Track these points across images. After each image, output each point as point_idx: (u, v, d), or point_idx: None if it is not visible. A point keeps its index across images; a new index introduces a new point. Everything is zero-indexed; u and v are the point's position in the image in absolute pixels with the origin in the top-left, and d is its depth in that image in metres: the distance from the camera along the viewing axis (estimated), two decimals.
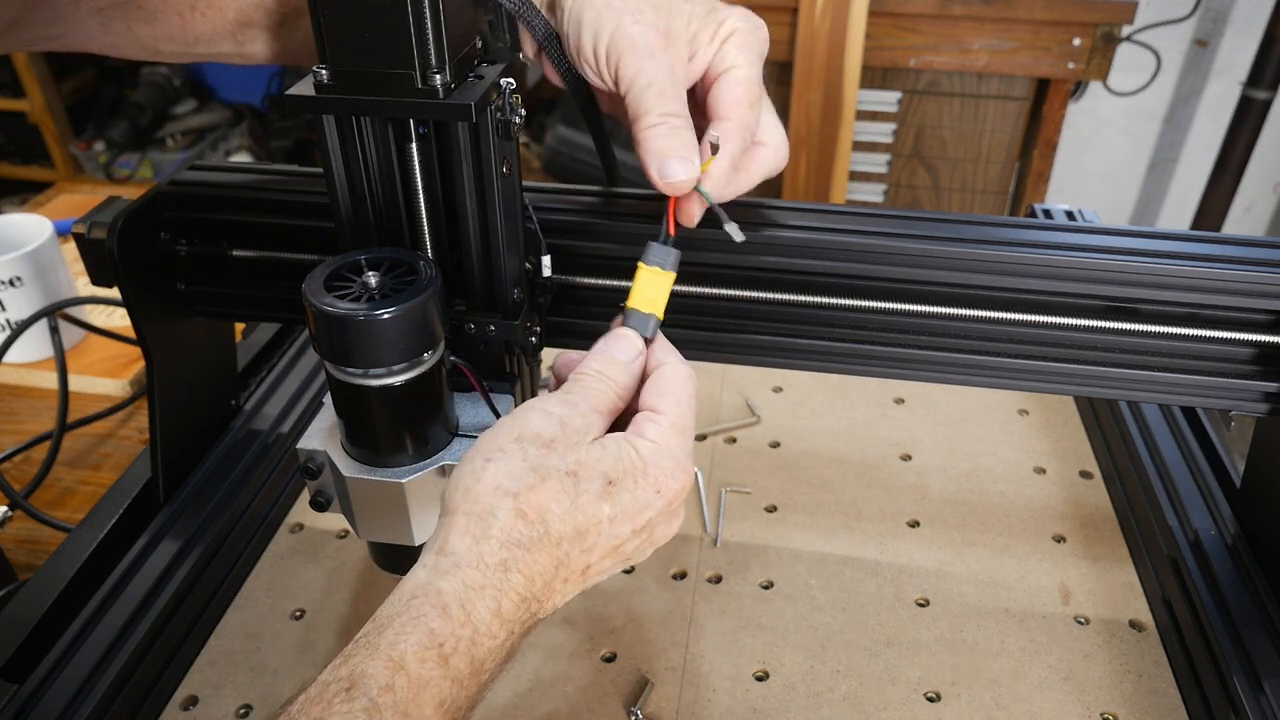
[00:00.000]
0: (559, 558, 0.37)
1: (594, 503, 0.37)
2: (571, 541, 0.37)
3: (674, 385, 0.42)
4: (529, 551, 0.36)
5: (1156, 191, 2.25)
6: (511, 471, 0.37)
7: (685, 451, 0.40)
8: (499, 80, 0.43)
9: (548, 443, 0.38)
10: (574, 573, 0.38)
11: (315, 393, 0.76)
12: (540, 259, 0.52)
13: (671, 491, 0.39)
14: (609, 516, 0.38)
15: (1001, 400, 0.80)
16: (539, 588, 0.37)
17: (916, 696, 0.56)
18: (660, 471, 0.39)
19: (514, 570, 0.36)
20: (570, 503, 0.37)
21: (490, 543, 0.36)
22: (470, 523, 0.36)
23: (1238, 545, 0.60)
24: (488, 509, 0.36)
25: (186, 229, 0.60)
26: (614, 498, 0.38)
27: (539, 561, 0.36)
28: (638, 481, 0.38)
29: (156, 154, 2.33)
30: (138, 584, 0.57)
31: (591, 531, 0.37)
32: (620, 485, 0.38)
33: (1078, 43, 1.59)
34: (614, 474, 0.38)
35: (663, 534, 0.41)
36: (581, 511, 0.37)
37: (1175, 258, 0.50)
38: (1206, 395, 0.53)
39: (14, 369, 0.88)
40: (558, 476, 0.37)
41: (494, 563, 0.35)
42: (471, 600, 0.35)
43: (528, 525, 0.36)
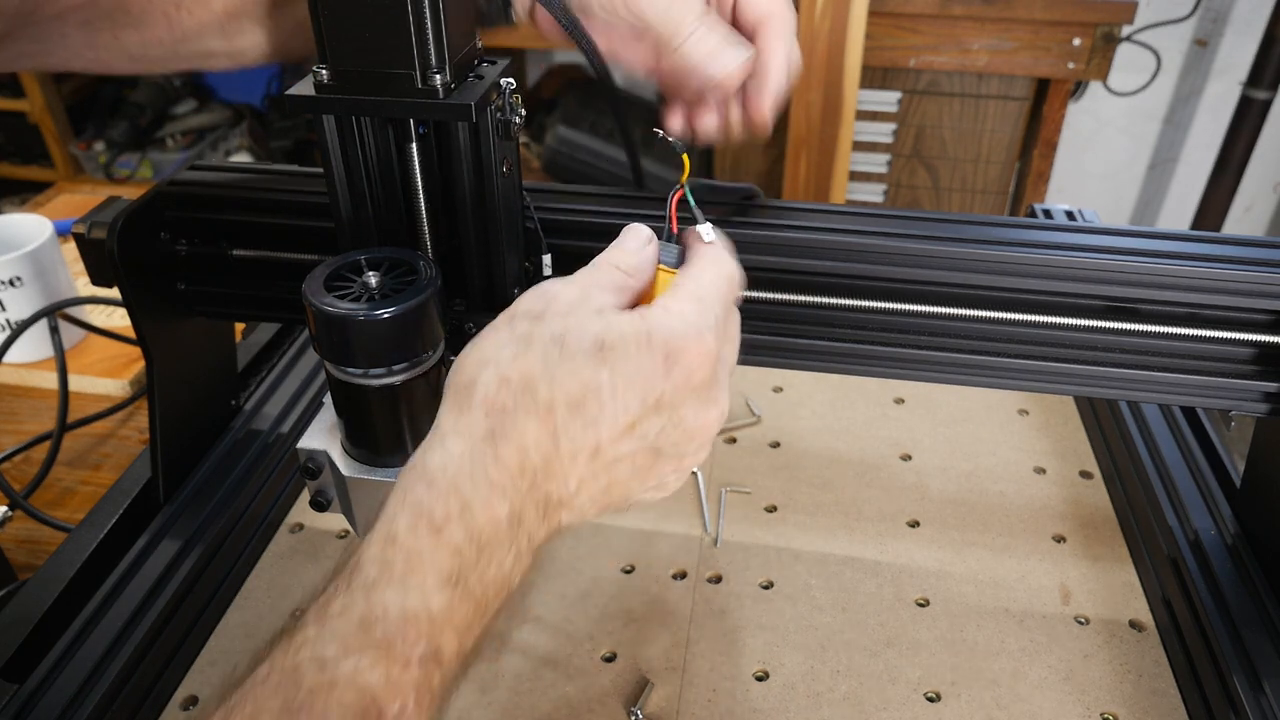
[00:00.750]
0: (553, 427, 0.34)
1: (585, 367, 0.34)
2: (567, 410, 0.34)
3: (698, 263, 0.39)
4: (515, 418, 0.33)
5: (1156, 191, 2.25)
6: (497, 342, 0.35)
7: (704, 322, 0.36)
8: (499, 80, 0.43)
9: (537, 315, 0.36)
10: (582, 451, 0.34)
11: (315, 393, 0.76)
12: (541, 259, 0.52)
13: (686, 363, 0.35)
14: (607, 385, 0.34)
15: (1001, 400, 0.80)
16: (538, 460, 0.34)
17: (916, 696, 0.56)
18: (669, 336, 0.35)
19: (502, 439, 0.33)
20: (557, 367, 0.34)
21: (474, 412, 0.34)
22: (456, 397, 0.35)
23: (1238, 545, 0.60)
24: (470, 380, 0.35)
25: (186, 229, 0.60)
26: (611, 364, 0.34)
27: (529, 429, 0.34)
28: (640, 347, 0.34)
29: (156, 154, 2.33)
30: (138, 584, 0.57)
31: (589, 401, 0.34)
32: (617, 350, 0.34)
33: (1078, 43, 1.59)
34: (608, 337, 0.34)
35: (696, 420, 0.36)
36: (571, 375, 0.34)
37: (1175, 258, 0.50)
38: (1206, 395, 0.53)
39: (14, 369, 0.88)
40: (543, 342, 0.34)
41: (480, 432, 0.33)
42: (459, 469, 0.33)
43: (511, 391, 0.34)
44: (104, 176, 2.29)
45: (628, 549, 0.65)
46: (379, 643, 0.31)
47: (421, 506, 0.33)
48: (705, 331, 0.36)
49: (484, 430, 0.34)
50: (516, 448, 0.33)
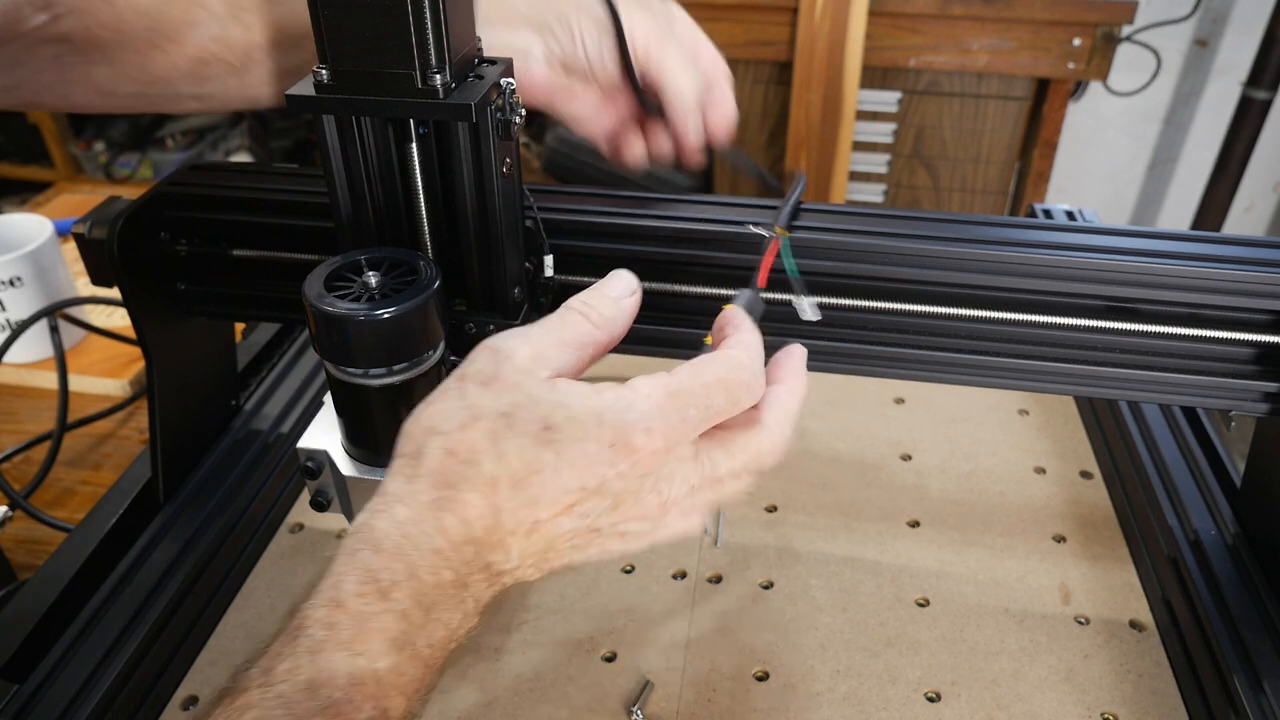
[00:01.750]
0: (496, 503, 0.34)
1: (530, 446, 0.34)
2: (509, 487, 0.34)
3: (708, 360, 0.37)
4: (459, 490, 0.34)
5: (1156, 191, 2.25)
6: (445, 412, 0.35)
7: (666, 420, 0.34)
8: (499, 80, 0.43)
9: (487, 380, 0.35)
10: (522, 525, 0.34)
11: (315, 393, 0.76)
12: (542, 259, 0.52)
13: (633, 455, 0.34)
14: (550, 465, 0.34)
15: (1001, 400, 0.80)
16: (480, 532, 0.34)
17: (916, 696, 0.56)
18: (620, 424, 0.34)
19: (446, 509, 0.34)
20: (502, 441, 0.34)
21: (421, 480, 0.34)
22: (403, 463, 0.35)
23: (1238, 545, 0.60)
24: (418, 448, 0.35)
25: (186, 229, 0.60)
26: (555, 446, 0.34)
27: (473, 502, 0.34)
28: (587, 431, 0.34)
29: (156, 154, 2.33)
30: (138, 584, 0.57)
31: (532, 481, 0.34)
32: (563, 432, 0.34)
33: (1078, 43, 1.59)
34: (555, 419, 0.34)
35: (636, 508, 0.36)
36: (516, 453, 0.34)
37: (1175, 258, 0.50)
38: (1206, 395, 0.53)
39: (14, 369, 0.88)
40: (490, 416, 0.34)
41: (426, 500, 0.34)
42: (405, 534, 0.33)
43: (457, 463, 0.34)
44: (104, 176, 2.29)
45: None
46: (326, 707, 0.30)
47: (369, 570, 0.33)
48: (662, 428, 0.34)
49: (429, 499, 0.34)
50: (460, 519, 0.34)
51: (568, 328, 0.37)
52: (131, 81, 0.50)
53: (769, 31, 1.63)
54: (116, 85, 0.50)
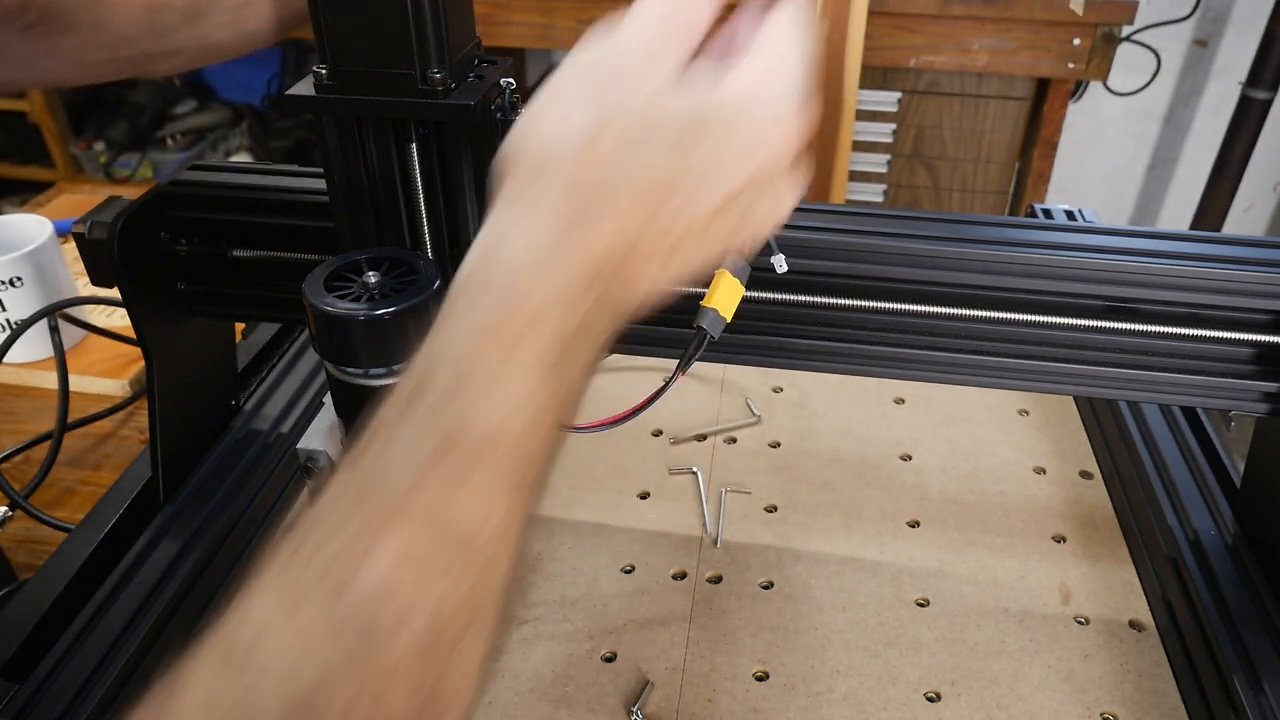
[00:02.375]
0: (624, 224, 0.31)
1: (668, 156, 0.31)
2: (640, 204, 0.31)
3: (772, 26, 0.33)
4: (590, 211, 0.30)
5: (1156, 191, 2.25)
6: (562, 124, 0.31)
7: (783, 104, 0.32)
8: (499, 80, 0.43)
9: (612, 69, 0.31)
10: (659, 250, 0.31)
11: (315, 393, 0.76)
12: None
13: (766, 151, 0.32)
14: (684, 175, 0.31)
15: (1001, 400, 0.80)
16: (613, 264, 0.30)
17: (916, 696, 0.56)
18: (759, 119, 0.32)
19: (578, 230, 0.30)
20: (638, 155, 0.31)
21: (540, 211, 0.30)
22: (516, 191, 0.31)
23: (1238, 545, 0.60)
24: (534, 171, 0.31)
25: (186, 229, 0.60)
26: (694, 152, 0.31)
27: (603, 223, 0.30)
28: (727, 133, 0.31)
29: (156, 154, 2.33)
30: (138, 584, 0.57)
31: (664, 194, 0.31)
32: (702, 137, 0.31)
33: (1078, 43, 1.59)
34: (693, 122, 0.31)
35: (765, 209, 0.33)
36: (651, 166, 0.31)
37: (1175, 258, 0.50)
38: (1206, 395, 0.53)
39: (14, 369, 0.88)
40: (618, 126, 0.31)
41: (556, 222, 0.30)
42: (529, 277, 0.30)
43: (585, 187, 0.30)
44: (104, 176, 2.29)
45: (628, 549, 0.65)
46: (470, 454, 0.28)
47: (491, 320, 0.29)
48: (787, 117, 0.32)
49: (553, 234, 0.30)
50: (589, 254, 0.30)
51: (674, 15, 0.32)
52: (97, 45, 0.49)
53: None
54: (85, 52, 0.49)
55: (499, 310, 0.29)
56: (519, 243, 0.30)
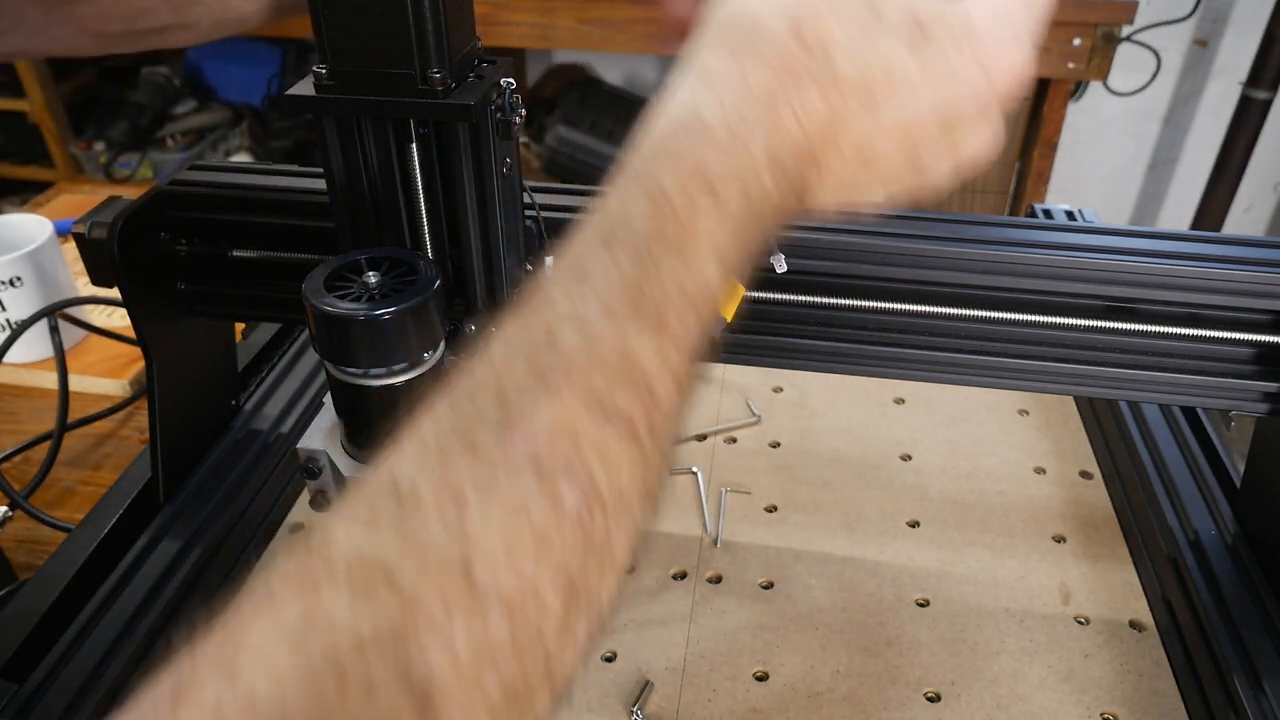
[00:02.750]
0: (835, 106, 0.29)
1: (894, 47, 0.29)
2: (854, 91, 0.29)
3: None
4: (801, 84, 0.28)
5: (1156, 191, 2.25)
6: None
7: (1026, 29, 0.30)
8: (499, 80, 0.43)
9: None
10: (852, 142, 0.29)
11: (315, 393, 0.76)
12: (544, 260, 0.52)
13: (997, 73, 0.30)
14: (907, 73, 0.29)
15: (1001, 400, 0.80)
16: (811, 139, 0.29)
17: (916, 696, 0.56)
18: (991, 40, 0.29)
19: (784, 104, 0.28)
20: (863, 38, 0.29)
21: (755, 61, 0.28)
22: (731, 35, 0.29)
23: (1238, 545, 0.60)
24: (758, 19, 0.29)
25: (186, 229, 0.60)
26: (921, 52, 0.29)
27: (812, 100, 0.28)
28: (958, 42, 0.29)
29: (156, 154, 2.33)
30: (138, 584, 0.57)
31: (881, 87, 0.29)
32: (933, 37, 0.29)
33: (1078, 43, 1.59)
34: (928, 19, 0.29)
35: (972, 142, 0.31)
36: (874, 52, 0.29)
37: (1175, 258, 0.50)
38: (1206, 395, 0.53)
39: (14, 369, 0.88)
40: (853, 4, 0.29)
41: (763, 89, 0.28)
42: (736, 126, 0.28)
43: (805, 53, 0.28)
44: (104, 176, 2.29)
45: None
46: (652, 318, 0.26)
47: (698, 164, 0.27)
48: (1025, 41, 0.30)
49: (765, 89, 0.28)
50: (795, 117, 0.28)
51: None
52: (114, 18, 0.49)
53: None
54: (103, 23, 0.49)
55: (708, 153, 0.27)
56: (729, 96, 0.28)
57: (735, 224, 0.27)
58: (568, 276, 0.26)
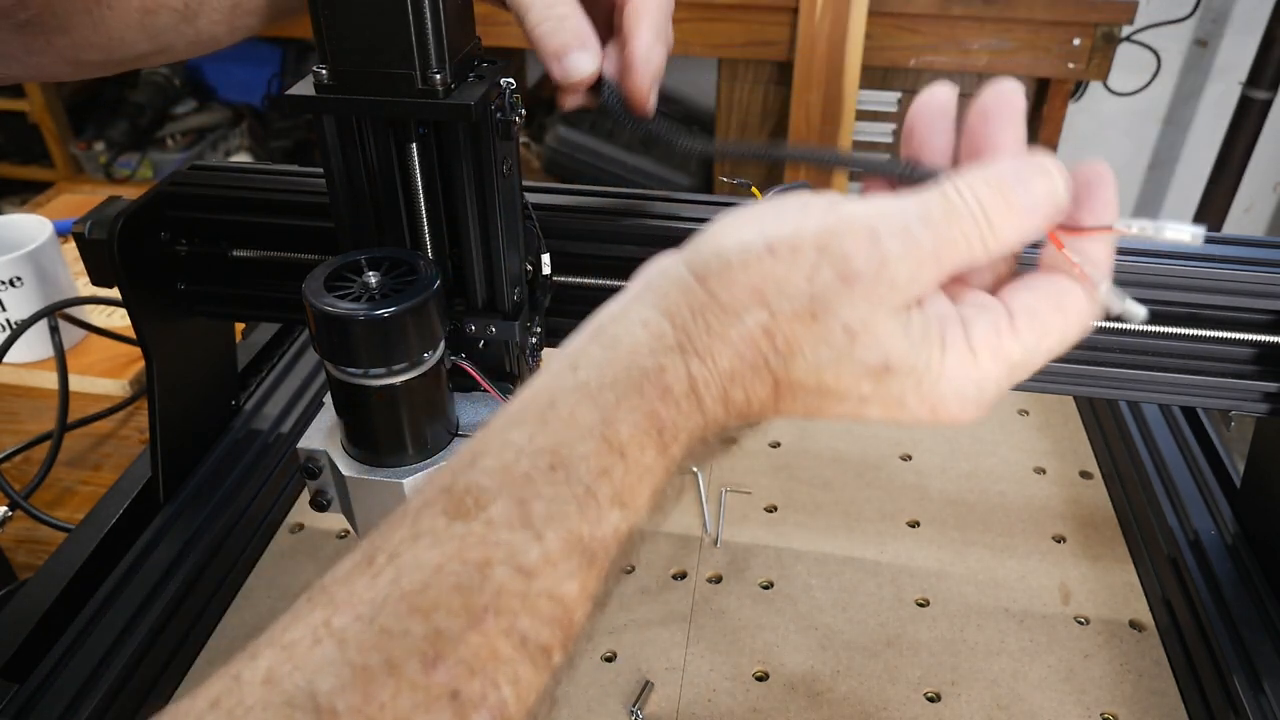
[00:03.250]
0: (783, 398, 0.31)
1: (856, 376, 0.31)
2: (804, 395, 0.31)
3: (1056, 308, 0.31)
4: (758, 375, 0.31)
5: (1156, 191, 2.25)
6: (787, 285, 0.30)
7: (996, 392, 0.32)
8: (499, 80, 0.43)
9: (849, 277, 0.30)
10: (793, 415, 0.32)
11: (315, 393, 0.76)
12: (540, 259, 0.52)
13: (945, 417, 0.32)
14: (860, 397, 0.31)
15: (1001, 400, 0.80)
16: (753, 413, 0.32)
17: (916, 696, 0.56)
18: (952, 398, 0.31)
19: (739, 386, 0.31)
20: (829, 361, 0.30)
21: (726, 345, 0.30)
22: (713, 309, 0.31)
23: (1238, 545, 0.60)
24: (737, 304, 0.30)
25: (186, 229, 0.60)
26: (881, 384, 0.31)
27: (765, 389, 0.31)
28: (919, 389, 0.31)
29: (156, 154, 2.33)
30: (138, 584, 0.57)
31: (832, 398, 0.31)
32: (896, 379, 0.30)
33: (1078, 43, 1.59)
34: (899, 363, 0.30)
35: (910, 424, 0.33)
36: (836, 376, 0.30)
37: (1175, 258, 0.50)
38: (1206, 395, 0.53)
39: (14, 369, 0.88)
40: (833, 324, 0.30)
41: (723, 368, 0.30)
42: (697, 393, 0.30)
43: (770, 349, 0.30)
44: (104, 176, 2.29)
45: None
46: (585, 559, 0.28)
47: (655, 418, 0.30)
48: (988, 401, 0.32)
49: (726, 368, 0.31)
50: (744, 399, 0.31)
51: (955, 241, 0.30)
52: (92, 47, 0.49)
53: (769, 31, 1.63)
54: (79, 53, 0.49)
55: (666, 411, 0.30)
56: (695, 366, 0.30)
57: (675, 471, 0.31)
58: (513, 506, 0.28)
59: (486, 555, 0.27)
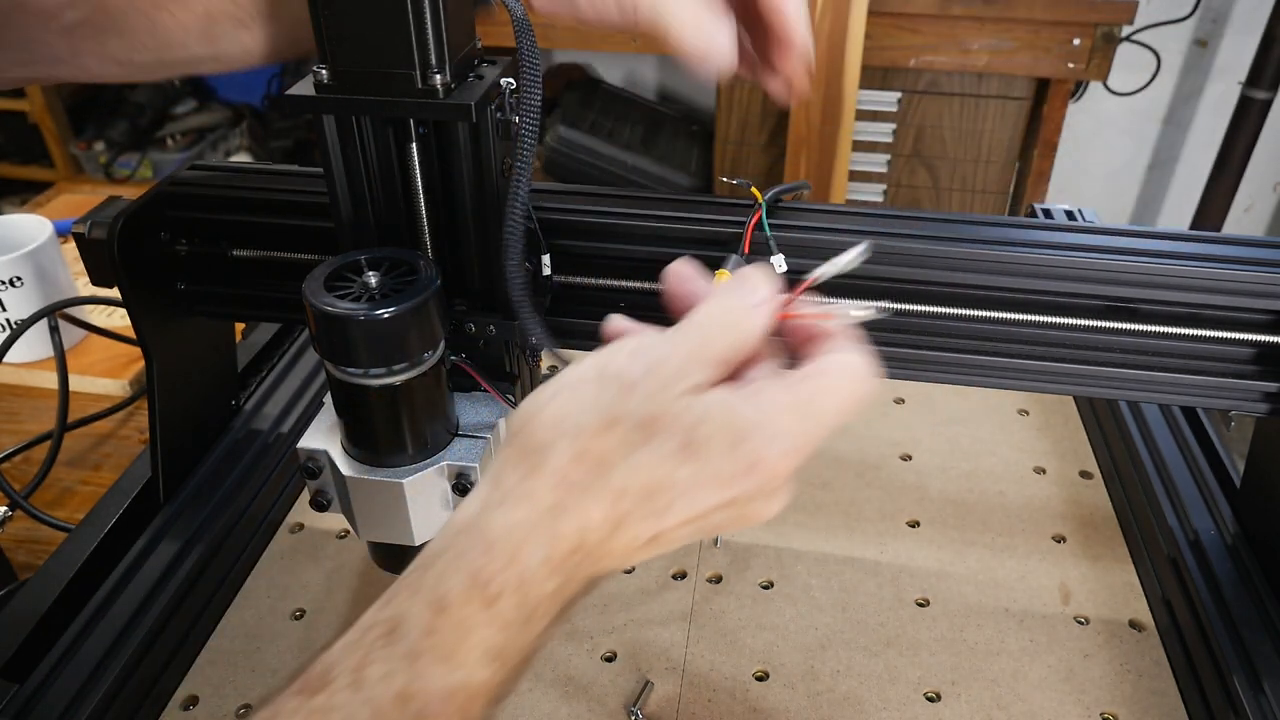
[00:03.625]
0: (618, 515, 0.32)
1: (665, 462, 0.32)
2: (637, 500, 0.32)
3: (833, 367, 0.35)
4: (583, 497, 0.32)
5: (1156, 191, 2.25)
6: (578, 410, 0.33)
7: (803, 436, 0.33)
8: (499, 80, 0.43)
9: (629, 385, 0.33)
10: (639, 539, 0.33)
11: (315, 393, 0.76)
12: (540, 259, 0.52)
13: (769, 473, 0.33)
14: (685, 481, 0.32)
15: (1001, 400, 0.80)
16: (593, 542, 0.32)
17: (916, 696, 0.56)
18: (762, 447, 0.32)
19: (566, 515, 0.32)
20: (637, 458, 0.32)
21: (542, 481, 0.32)
22: (522, 456, 0.33)
23: (1238, 545, 0.60)
24: (544, 444, 0.33)
25: (186, 229, 0.60)
26: (693, 461, 0.32)
27: (593, 513, 0.32)
28: (730, 450, 0.32)
29: (156, 154, 2.33)
30: (138, 584, 0.57)
31: (663, 493, 0.32)
32: (704, 450, 0.32)
33: (1078, 43, 1.59)
34: (698, 435, 0.32)
35: (759, 512, 0.34)
36: (648, 469, 0.32)
37: (1175, 258, 0.50)
38: (1206, 395, 0.53)
39: (14, 369, 0.88)
40: (628, 425, 0.32)
41: (546, 504, 0.32)
42: (520, 539, 0.32)
43: (585, 469, 0.32)
44: (104, 176, 2.29)
45: None
46: (416, 715, 0.30)
47: (478, 574, 0.31)
48: (802, 445, 0.34)
49: (549, 504, 0.32)
50: (577, 528, 0.32)
51: (712, 343, 0.34)
52: (144, 48, 0.48)
53: None
54: (131, 53, 0.48)
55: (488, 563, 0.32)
56: (517, 512, 0.32)
57: (513, 626, 0.32)
58: (350, 674, 0.30)
59: None
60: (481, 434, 0.48)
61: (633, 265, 0.54)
